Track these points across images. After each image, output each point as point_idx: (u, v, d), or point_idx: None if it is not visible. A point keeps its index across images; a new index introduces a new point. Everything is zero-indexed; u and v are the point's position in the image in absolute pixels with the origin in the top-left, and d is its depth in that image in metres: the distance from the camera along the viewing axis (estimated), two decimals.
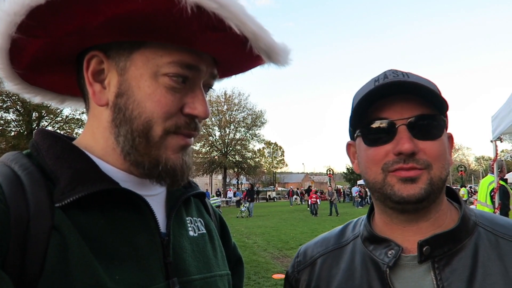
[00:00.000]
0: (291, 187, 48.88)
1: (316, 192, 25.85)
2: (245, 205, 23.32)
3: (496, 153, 6.73)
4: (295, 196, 43.45)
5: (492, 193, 6.61)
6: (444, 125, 0.93)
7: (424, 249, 0.89)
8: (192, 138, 0.88)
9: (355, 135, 1.00)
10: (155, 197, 0.91)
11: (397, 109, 0.91)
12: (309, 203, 24.85)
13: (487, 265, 0.88)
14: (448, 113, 1.00)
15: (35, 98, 0.97)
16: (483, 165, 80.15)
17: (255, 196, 31.58)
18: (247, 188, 29.92)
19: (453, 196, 1.04)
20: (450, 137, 1.01)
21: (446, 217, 0.96)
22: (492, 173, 6.71)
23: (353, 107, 0.96)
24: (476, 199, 8.18)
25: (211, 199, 7.65)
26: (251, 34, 0.77)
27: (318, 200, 24.58)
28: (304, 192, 41.81)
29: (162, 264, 0.81)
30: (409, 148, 0.87)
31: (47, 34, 0.76)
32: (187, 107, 0.84)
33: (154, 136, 0.81)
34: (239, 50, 0.82)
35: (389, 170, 0.90)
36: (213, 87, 0.93)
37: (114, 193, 0.79)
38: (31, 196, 0.72)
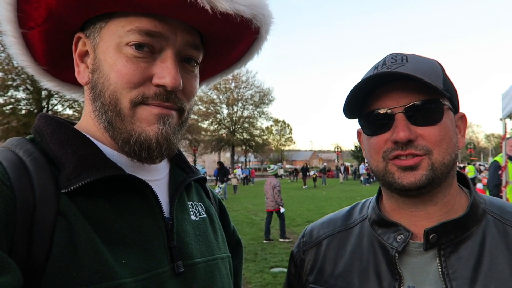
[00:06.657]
0: (325, 164, 45.32)
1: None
2: (220, 185, 20.33)
3: (506, 131, 6.65)
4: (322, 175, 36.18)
5: (500, 171, 6.58)
6: (442, 109, 0.90)
7: (430, 237, 0.89)
8: (174, 111, 0.85)
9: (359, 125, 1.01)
10: (158, 182, 0.93)
11: (394, 96, 0.90)
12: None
13: (494, 254, 0.87)
14: (459, 92, 0.98)
15: (72, 94, 1.02)
16: (492, 142, 79.15)
17: (229, 177, 24.01)
18: (217, 168, 22.25)
19: (463, 181, 1.02)
20: (463, 117, 0.98)
21: (455, 202, 0.95)
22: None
23: (346, 99, 0.95)
24: (485, 177, 8.15)
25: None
26: None
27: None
28: (304, 169, 34.67)
29: (167, 248, 0.84)
30: (403, 137, 0.87)
31: (35, 23, 0.80)
32: (155, 77, 0.81)
33: (123, 108, 0.81)
34: (212, 17, 0.79)
35: (389, 158, 0.90)
36: (198, 59, 0.90)
37: (119, 179, 0.81)
38: (36, 181, 0.72)
